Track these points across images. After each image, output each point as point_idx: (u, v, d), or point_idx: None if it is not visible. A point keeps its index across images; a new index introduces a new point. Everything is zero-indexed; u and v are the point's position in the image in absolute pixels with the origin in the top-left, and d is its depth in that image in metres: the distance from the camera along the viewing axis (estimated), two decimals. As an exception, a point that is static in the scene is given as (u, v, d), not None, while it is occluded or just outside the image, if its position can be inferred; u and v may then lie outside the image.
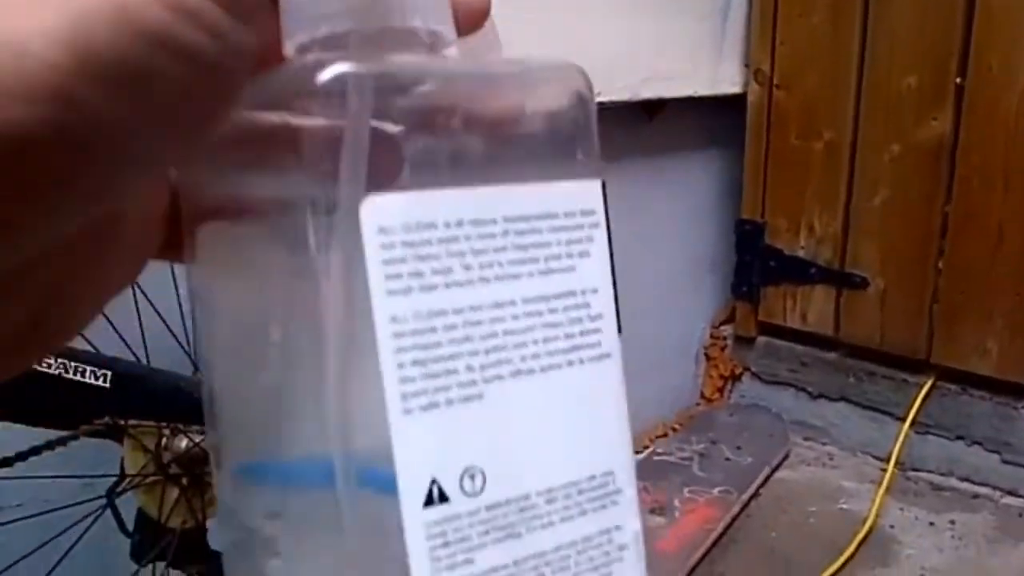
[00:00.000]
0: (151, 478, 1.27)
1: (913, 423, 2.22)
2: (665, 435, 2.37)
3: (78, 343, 1.18)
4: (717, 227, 2.47)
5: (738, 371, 2.50)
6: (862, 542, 1.97)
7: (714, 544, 1.94)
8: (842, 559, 1.91)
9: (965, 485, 2.20)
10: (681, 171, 2.38)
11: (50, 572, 1.31)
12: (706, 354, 2.52)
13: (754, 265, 2.41)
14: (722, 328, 2.52)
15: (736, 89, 2.36)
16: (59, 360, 1.06)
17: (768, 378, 2.45)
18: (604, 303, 0.38)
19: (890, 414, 2.28)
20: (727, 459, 2.20)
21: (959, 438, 2.21)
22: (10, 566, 1.26)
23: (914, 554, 1.96)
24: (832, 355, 2.36)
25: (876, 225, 2.24)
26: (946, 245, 2.15)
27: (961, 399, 2.21)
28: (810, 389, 2.39)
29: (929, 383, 2.22)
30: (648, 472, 2.13)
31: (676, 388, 2.46)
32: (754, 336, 2.47)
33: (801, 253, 2.34)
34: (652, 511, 1.98)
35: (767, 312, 2.42)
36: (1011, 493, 2.16)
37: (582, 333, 0.37)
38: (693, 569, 1.87)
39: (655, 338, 2.34)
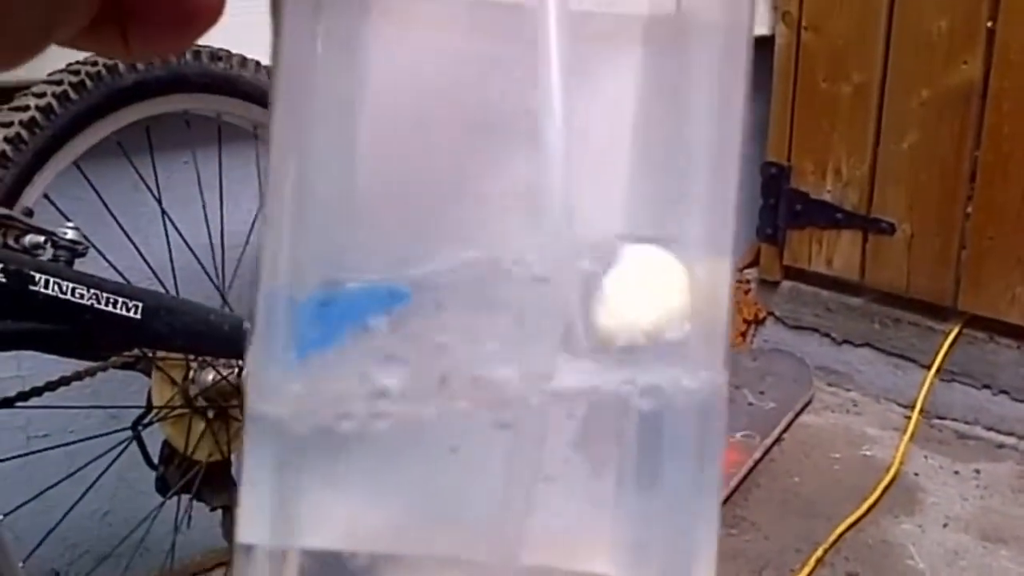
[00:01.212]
0: (178, 410, 1.26)
1: (938, 371, 2.21)
2: (687, 379, 2.35)
3: (109, 275, 1.17)
4: (743, 169, 2.43)
5: (762, 315, 2.48)
6: (886, 489, 1.96)
7: (736, 489, 1.94)
8: (866, 505, 1.90)
9: (990, 434, 2.18)
10: (707, 113, 2.34)
11: (76, 503, 1.31)
12: (730, 298, 2.49)
13: (779, 208, 2.38)
14: (746, 272, 2.50)
15: (763, 31, 2.31)
16: (91, 290, 1.05)
17: (792, 323, 2.43)
18: None
19: (915, 361, 2.26)
20: (750, 404, 2.19)
21: (985, 387, 2.19)
22: (37, 496, 1.25)
23: (938, 502, 1.95)
24: (857, 300, 2.34)
25: (904, 170, 2.20)
26: (975, 190, 2.12)
27: (987, 347, 2.18)
28: (834, 335, 2.37)
29: (955, 330, 2.20)
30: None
31: (699, 332, 2.44)
32: (778, 280, 2.44)
33: (827, 197, 2.31)
34: (675, 454, 1.97)
35: (792, 256, 2.39)
36: (1036, 442, 2.15)
37: None
38: (716, 512, 1.86)
39: None
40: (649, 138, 0.40)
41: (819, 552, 1.76)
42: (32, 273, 1.01)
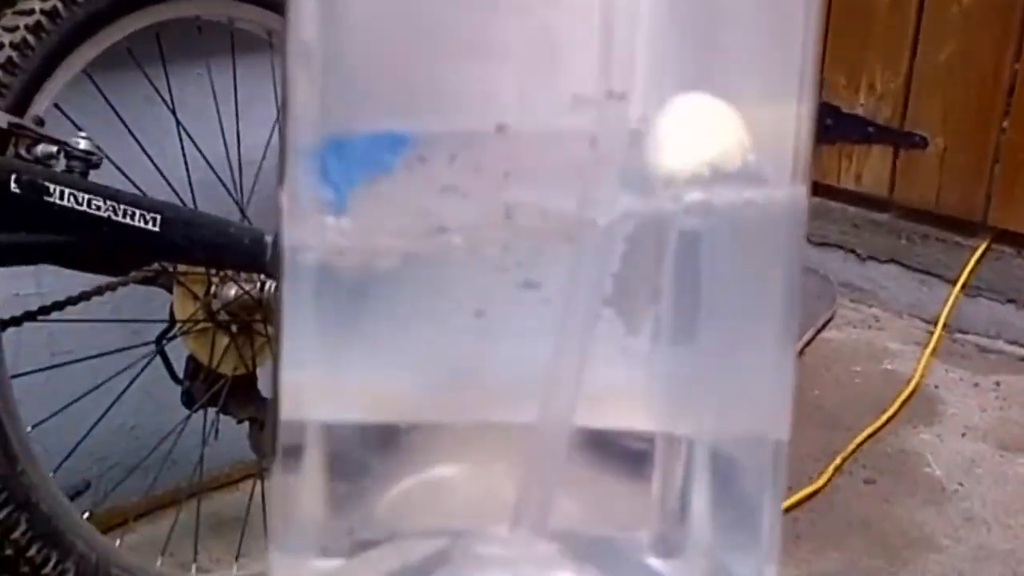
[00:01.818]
0: (200, 325, 1.27)
1: (964, 286, 2.19)
2: (710, 293, 2.35)
3: (125, 186, 1.16)
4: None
5: (787, 231, 2.45)
6: (906, 401, 1.96)
7: (757, 402, 1.94)
8: (885, 417, 1.91)
9: (1013, 348, 2.17)
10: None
11: (102, 416, 1.33)
12: (755, 213, 2.47)
13: (809, 122, 2.33)
14: (772, 187, 2.47)
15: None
16: (108, 202, 1.04)
17: (818, 239, 2.40)
18: None
19: (940, 277, 2.24)
20: (773, 319, 2.18)
21: (1010, 301, 2.17)
22: (62, 409, 1.27)
23: (957, 413, 1.96)
24: (885, 216, 2.31)
25: (940, 82, 2.15)
26: (1013, 103, 2.07)
27: (1015, 262, 2.16)
28: (860, 251, 2.35)
29: (984, 245, 2.17)
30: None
31: (723, 246, 2.42)
32: (806, 195, 2.41)
33: (860, 111, 2.26)
34: (696, 369, 1.97)
35: (820, 172, 2.36)
36: (1060, 357, 2.14)
37: None
38: (736, 426, 1.87)
39: None
40: None
41: (837, 461, 1.77)
42: (46, 183, 0.99)
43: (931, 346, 2.14)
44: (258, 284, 1.27)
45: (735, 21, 0.38)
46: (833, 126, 2.30)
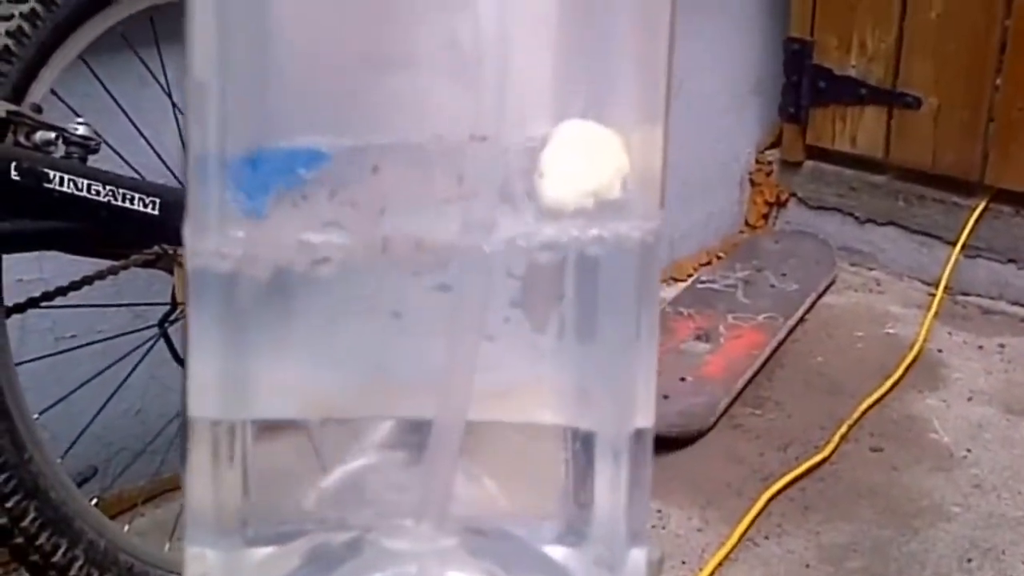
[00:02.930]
0: (203, 307, 1.26)
1: (963, 247, 2.19)
2: (709, 263, 2.34)
3: (124, 170, 1.16)
4: (763, 46, 2.38)
5: (784, 197, 2.45)
6: (910, 366, 1.96)
7: (760, 369, 1.94)
8: (889, 382, 1.91)
9: (1015, 309, 2.17)
10: (727, -12, 2.28)
11: (107, 401, 1.33)
12: (751, 180, 2.46)
13: (802, 86, 2.33)
14: (767, 153, 2.46)
15: (786, -103, 2.23)
16: (107, 187, 1.04)
17: (814, 203, 2.40)
18: None
19: (939, 238, 2.24)
20: (772, 286, 2.18)
21: (1010, 261, 2.18)
22: (68, 395, 1.27)
23: (962, 377, 1.96)
24: (881, 178, 2.31)
25: (931, 41, 2.15)
26: (1004, 61, 2.07)
27: (1014, 221, 2.16)
28: (857, 214, 2.35)
29: (982, 205, 2.17)
30: (692, 300, 2.12)
31: (720, 215, 2.42)
32: (801, 160, 2.41)
33: (852, 72, 2.26)
34: (697, 338, 1.97)
35: (815, 135, 2.35)
36: (1062, 316, 2.14)
37: None
38: (739, 394, 1.87)
39: (698, 164, 2.29)
40: (576, 10, 0.40)
41: (843, 429, 1.77)
42: (46, 170, 1.00)
43: (933, 309, 2.14)
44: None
45: (607, 44, 0.40)
46: (826, 88, 2.29)
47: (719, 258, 2.36)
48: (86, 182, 1.02)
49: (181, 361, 1.31)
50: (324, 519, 0.43)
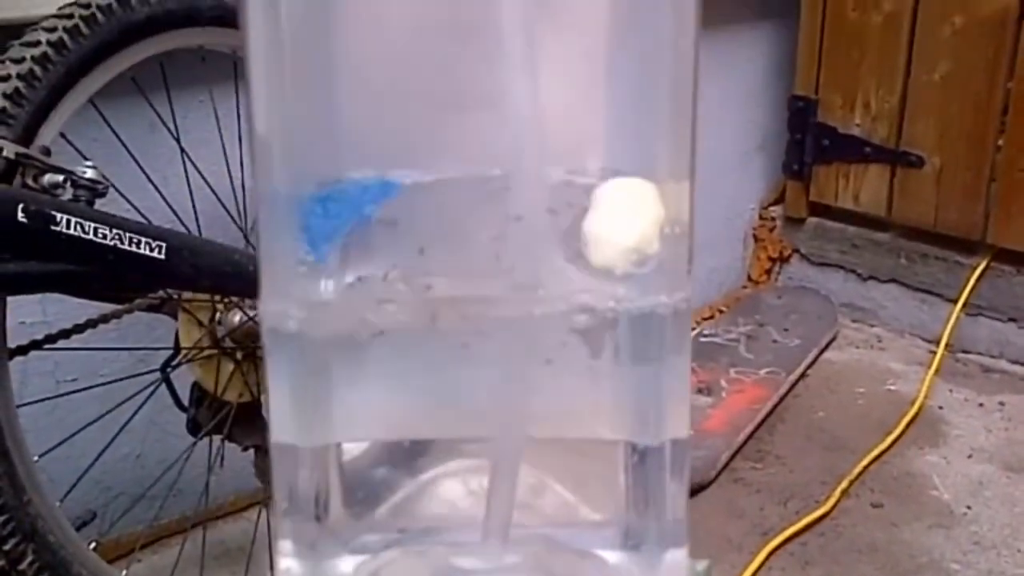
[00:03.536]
0: (206, 352, 1.27)
1: (965, 305, 2.19)
2: (712, 317, 2.35)
3: (131, 215, 1.16)
4: (768, 104, 2.41)
5: (786, 253, 2.46)
6: (911, 422, 1.96)
7: (761, 424, 1.94)
8: (890, 439, 1.90)
9: (1016, 367, 2.17)
10: (731, 45, 2.31)
11: (108, 445, 1.33)
12: (754, 235, 2.48)
13: (806, 143, 2.35)
14: (771, 209, 2.48)
15: (791, -41, 2.27)
16: (113, 230, 1.04)
17: (817, 259, 2.41)
18: None
19: (941, 296, 2.25)
20: (774, 341, 2.19)
21: (1011, 320, 2.18)
22: (68, 438, 1.27)
23: (963, 435, 1.95)
24: (884, 236, 2.32)
25: (935, 101, 2.16)
26: (1007, 122, 2.08)
27: (1015, 280, 2.16)
28: (860, 271, 2.36)
29: (983, 264, 2.17)
30: (695, 353, 2.11)
31: (723, 270, 2.43)
32: (804, 217, 2.42)
33: (856, 131, 2.28)
34: (699, 391, 1.97)
35: (818, 192, 2.37)
36: (1063, 375, 2.14)
37: None
38: (740, 448, 1.87)
39: (702, 219, 2.24)
40: (614, 71, 0.43)
41: (844, 484, 1.76)
42: (53, 213, 1.00)
43: (934, 366, 2.14)
44: (263, 311, 1.27)
45: (647, 100, 0.43)
46: (829, 146, 2.31)
47: (721, 312, 2.37)
48: (93, 225, 1.02)
49: (182, 406, 1.31)
50: (396, 535, 0.46)
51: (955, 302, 2.20)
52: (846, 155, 2.30)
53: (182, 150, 1.31)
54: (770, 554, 1.61)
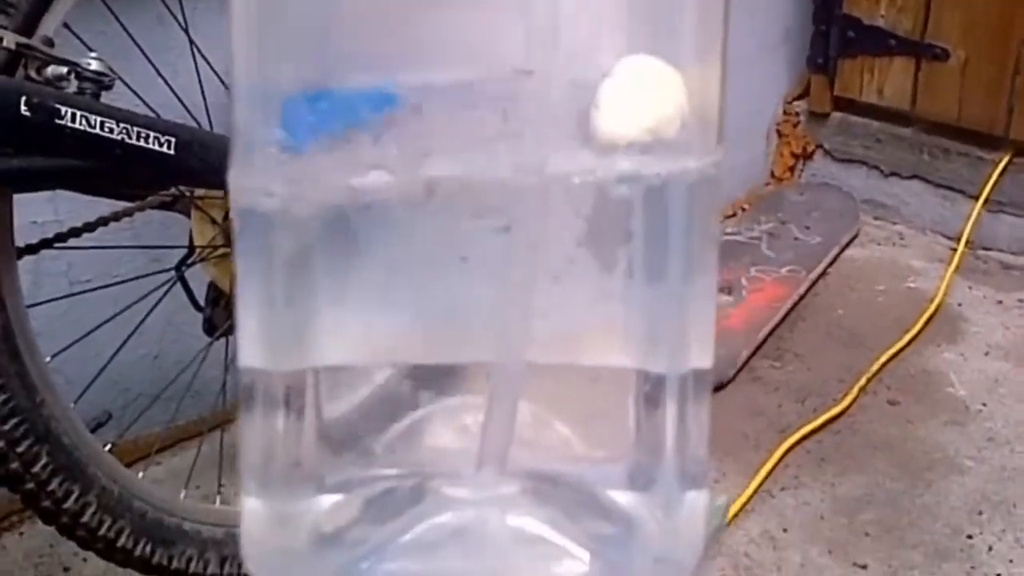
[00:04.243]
0: (220, 251, 1.25)
1: (986, 201, 2.16)
2: (734, 214, 2.32)
3: (139, 108, 1.13)
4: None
5: (810, 148, 2.42)
6: (929, 320, 1.95)
7: (781, 322, 1.93)
8: (908, 336, 1.89)
9: (1037, 264, 2.15)
10: (754, -66, 2.24)
11: (122, 345, 1.31)
12: (778, 131, 2.43)
13: (831, 35, 2.28)
14: (795, 104, 2.42)
15: None
16: (121, 124, 1.01)
17: (841, 156, 2.37)
18: None
19: (963, 192, 2.21)
20: (795, 239, 2.16)
21: (1033, 216, 2.15)
22: (83, 337, 1.25)
23: (980, 332, 1.94)
24: (907, 131, 2.27)
25: (962, -8, 2.10)
26: (1035, 13, 2.03)
27: (1038, 176, 2.13)
28: (883, 167, 2.32)
29: (1006, 159, 2.13)
30: (714, 251, 2.09)
31: (745, 166, 2.39)
32: (828, 112, 2.37)
33: (881, 22, 2.21)
34: (720, 290, 1.96)
35: (843, 86, 2.31)
36: (1086, 272, 2.11)
37: None
38: (760, 345, 1.86)
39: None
40: None
41: (861, 381, 1.76)
42: (57, 106, 0.96)
43: (954, 263, 2.11)
44: (276, 207, 1.25)
45: None
46: (854, 38, 2.25)
47: (744, 210, 2.34)
48: (99, 119, 0.99)
49: (198, 306, 1.30)
50: (387, 468, 0.43)
51: (976, 198, 2.16)
52: (871, 48, 2.24)
53: (191, 42, 1.27)
54: (787, 452, 1.61)
